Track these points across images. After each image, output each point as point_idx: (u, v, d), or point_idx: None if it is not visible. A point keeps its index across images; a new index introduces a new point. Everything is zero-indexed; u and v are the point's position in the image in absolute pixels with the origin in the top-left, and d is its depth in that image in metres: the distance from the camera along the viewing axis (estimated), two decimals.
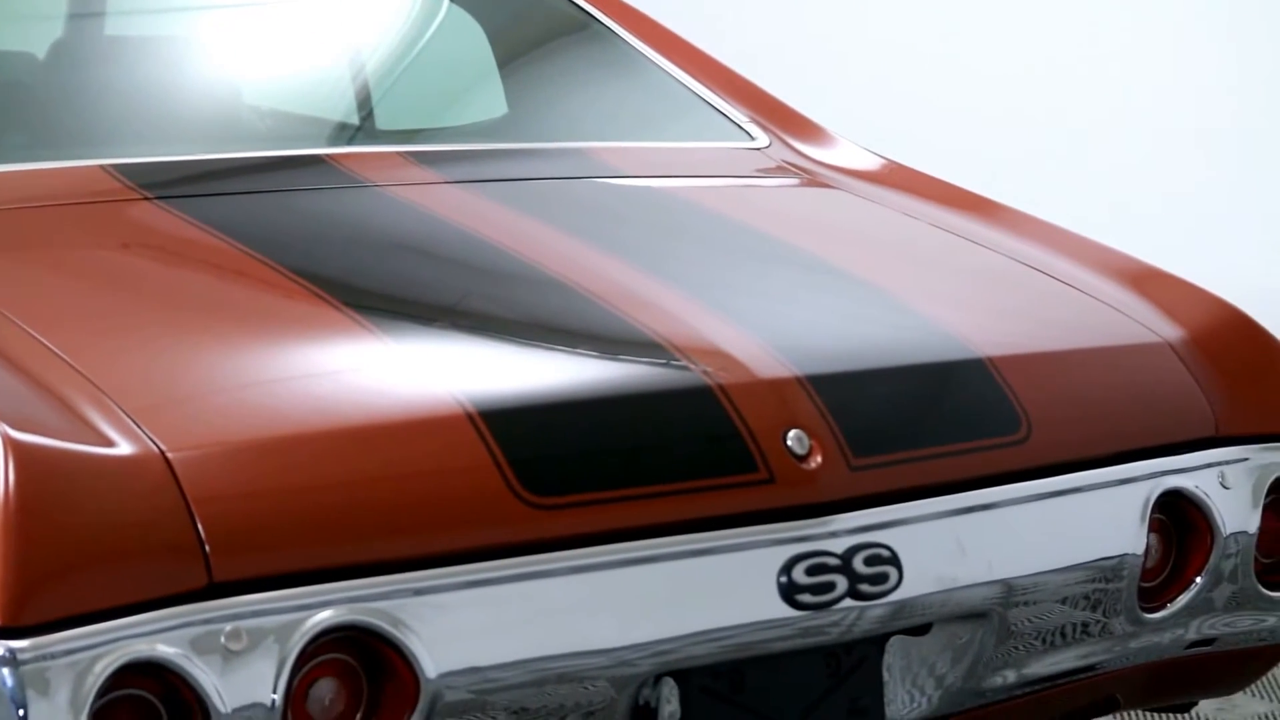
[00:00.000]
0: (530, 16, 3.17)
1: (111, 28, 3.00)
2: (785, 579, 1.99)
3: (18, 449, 1.73)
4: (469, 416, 1.92)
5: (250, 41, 2.95)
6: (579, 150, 2.75)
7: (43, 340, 1.94)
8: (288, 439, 1.87)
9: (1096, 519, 2.22)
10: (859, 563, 2.03)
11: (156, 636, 1.72)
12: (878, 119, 4.70)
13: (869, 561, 2.03)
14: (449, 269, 2.33)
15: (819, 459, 2.04)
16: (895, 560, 2.05)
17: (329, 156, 2.60)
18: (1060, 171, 5.56)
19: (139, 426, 1.81)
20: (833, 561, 2.01)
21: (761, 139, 2.87)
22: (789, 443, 2.03)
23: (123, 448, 1.79)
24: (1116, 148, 5.59)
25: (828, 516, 2.03)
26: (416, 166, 2.57)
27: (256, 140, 2.75)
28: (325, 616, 1.79)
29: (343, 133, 2.94)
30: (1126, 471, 2.25)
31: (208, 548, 1.77)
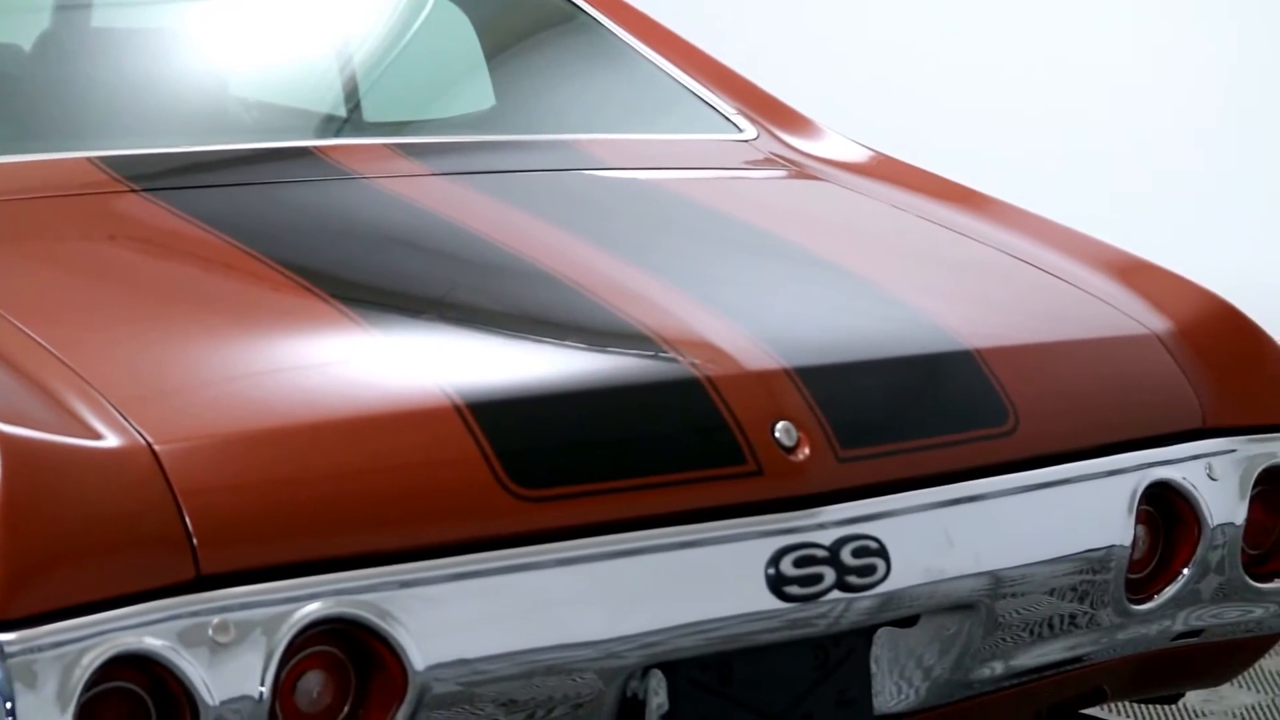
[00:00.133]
0: (517, 8, 3.17)
1: (98, 20, 2.99)
2: (773, 571, 1.99)
3: (4, 442, 1.73)
4: (456, 409, 1.92)
5: (237, 33, 2.95)
6: (567, 142, 2.75)
7: (29, 333, 1.93)
8: (275, 431, 1.87)
9: (1084, 510, 2.22)
10: (847, 554, 2.03)
11: (144, 629, 1.72)
12: (875, 116, 4.71)
13: (857, 553, 2.03)
14: (436, 261, 2.33)
15: (807, 451, 2.04)
16: (883, 552, 2.05)
17: (316, 149, 2.59)
18: (1057, 167, 5.57)
19: (126, 419, 1.81)
20: (820, 553, 2.01)
21: (749, 131, 2.87)
22: (777, 434, 2.03)
23: (109, 440, 1.79)
24: (1113, 144, 5.60)
25: (815, 508, 2.03)
26: (404, 159, 2.57)
27: (243, 132, 2.75)
28: (313, 609, 1.78)
29: (330, 125, 2.94)
30: (1114, 463, 2.25)
31: (195, 540, 1.76)
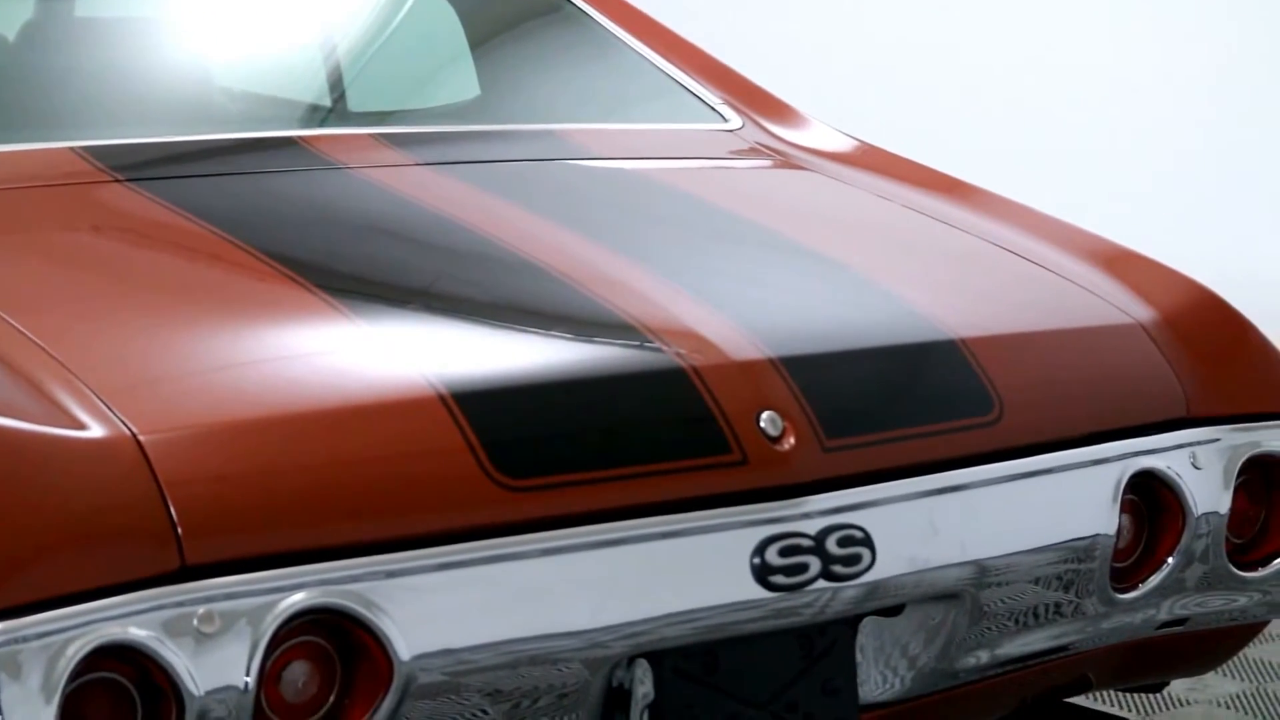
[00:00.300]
0: None
1: (82, 9, 2.99)
2: (758, 560, 1.99)
3: None
4: (442, 399, 1.92)
5: (222, 23, 2.94)
6: (552, 132, 2.75)
7: (13, 323, 1.93)
8: (260, 421, 1.86)
9: (1069, 500, 2.22)
10: (832, 544, 2.03)
11: (129, 619, 1.72)
12: (872, 110, 4.72)
13: (842, 543, 2.03)
14: (421, 251, 2.33)
15: (792, 440, 2.04)
16: (868, 541, 2.05)
17: (301, 138, 2.59)
18: (1053, 162, 5.59)
19: (111, 409, 1.81)
20: (806, 543, 2.02)
21: (734, 121, 2.87)
22: (762, 424, 2.04)
23: (94, 431, 1.79)
24: (1107, 137, 5.62)
25: (801, 498, 2.03)
26: (389, 148, 2.57)
27: (228, 122, 2.75)
28: (298, 599, 1.78)
29: (315, 115, 2.94)
30: (1098, 452, 2.25)
31: (180, 530, 1.76)
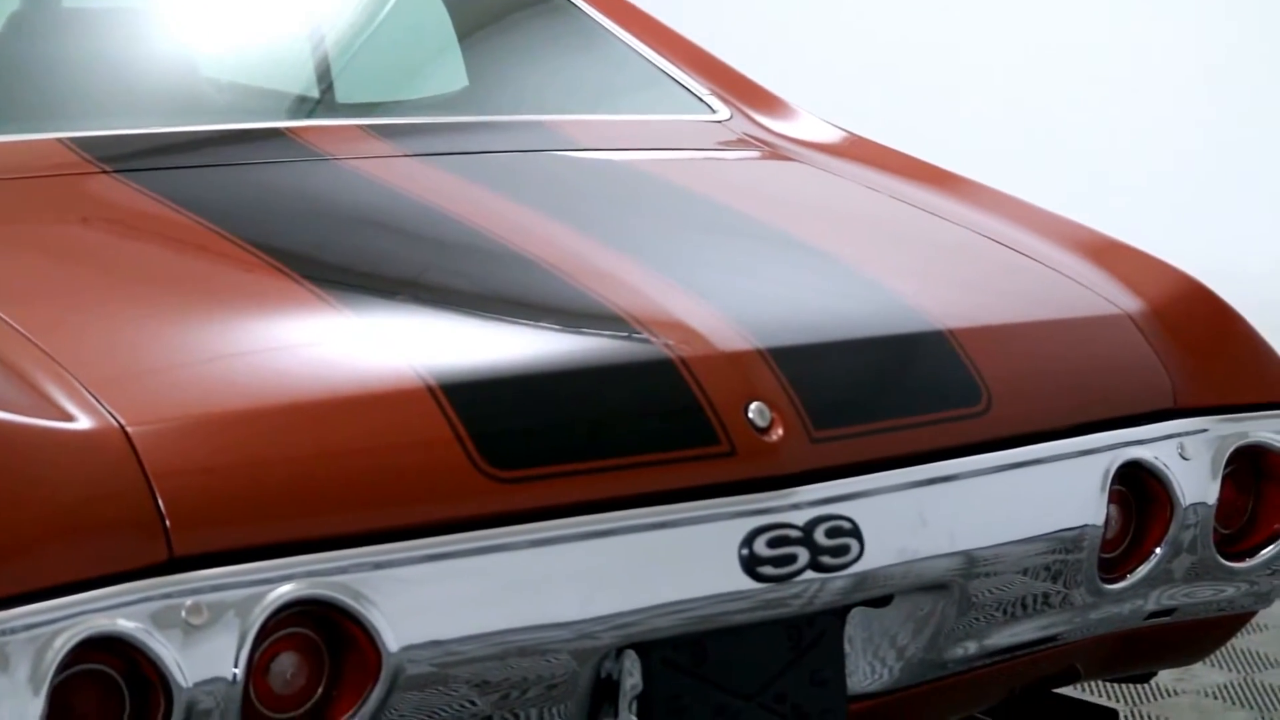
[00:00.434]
0: None
1: None
2: (747, 551, 2.00)
3: None
4: (430, 390, 1.92)
5: (209, 14, 2.94)
6: (540, 123, 2.75)
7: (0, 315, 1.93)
8: (248, 413, 1.86)
9: (1057, 490, 2.22)
10: (820, 535, 2.03)
11: (117, 611, 1.72)
12: (871, 110, 4.72)
13: (830, 533, 2.04)
14: (409, 243, 2.33)
15: (780, 431, 2.04)
16: (856, 532, 2.05)
17: (288, 130, 2.59)
18: (1048, 157, 5.60)
19: (98, 401, 1.81)
20: (794, 534, 2.02)
21: (723, 112, 2.87)
22: (750, 415, 2.04)
23: (82, 422, 1.78)
24: (1101, 131, 5.63)
25: (789, 489, 2.03)
26: (376, 140, 2.56)
27: (215, 113, 2.74)
28: (286, 590, 1.78)
29: (302, 106, 2.93)
30: (1086, 443, 2.26)
31: (168, 522, 1.76)
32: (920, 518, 2.11)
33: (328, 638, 1.83)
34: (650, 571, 1.97)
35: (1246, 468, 2.38)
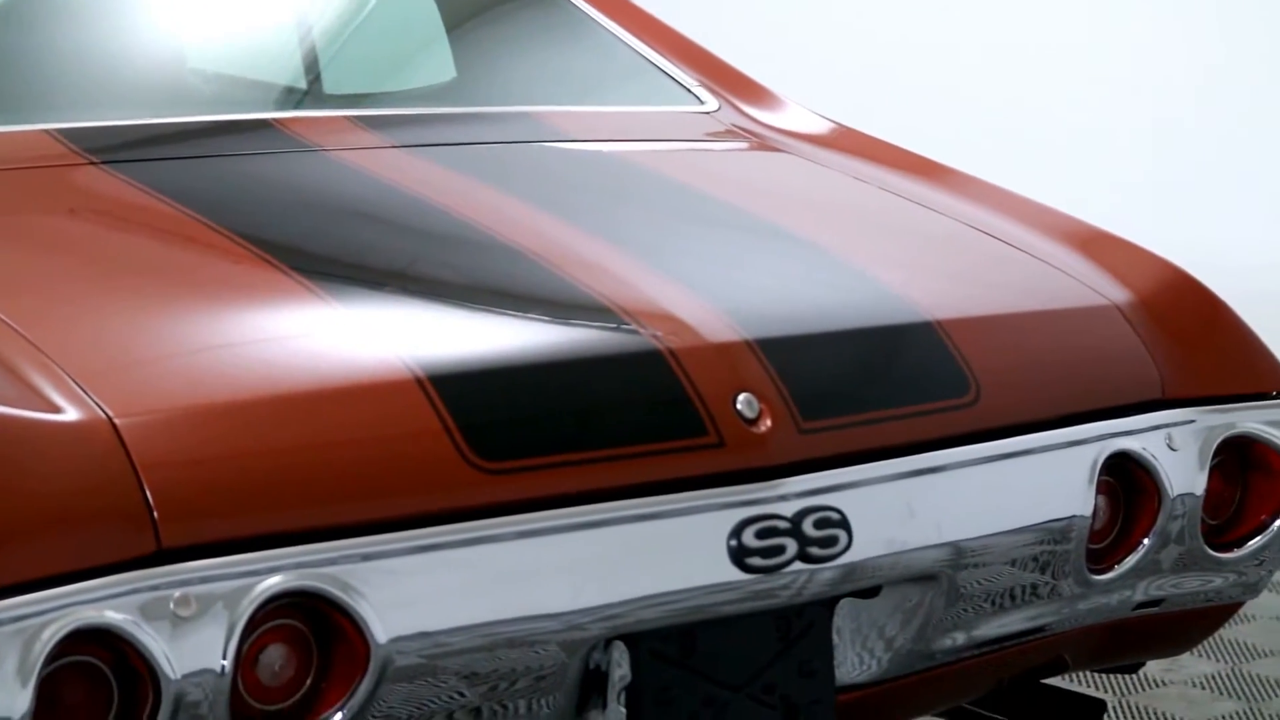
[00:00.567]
0: None
1: None
2: (735, 542, 2.00)
3: None
4: (418, 381, 1.92)
5: (196, 5, 2.93)
6: (528, 115, 2.75)
7: None
8: (236, 404, 1.86)
9: (1045, 481, 2.23)
10: (809, 526, 2.03)
11: (105, 603, 1.72)
12: (872, 109, 4.73)
13: (818, 524, 2.04)
14: (397, 234, 2.32)
15: (768, 422, 2.04)
16: (845, 523, 2.05)
17: (275, 121, 2.58)
18: (1043, 152, 5.61)
19: (86, 392, 1.80)
20: (782, 525, 2.02)
21: (710, 103, 2.87)
22: (738, 406, 2.04)
23: (69, 414, 1.78)
24: (1106, 137, 5.64)
25: (777, 480, 2.03)
26: (364, 131, 2.56)
27: (203, 104, 2.74)
28: (274, 582, 1.78)
29: (289, 97, 2.93)
30: (1074, 434, 2.26)
31: (156, 514, 1.76)
32: (908, 509, 2.11)
33: (316, 629, 1.83)
34: (638, 563, 1.97)
35: (1234, 458, 2.39)
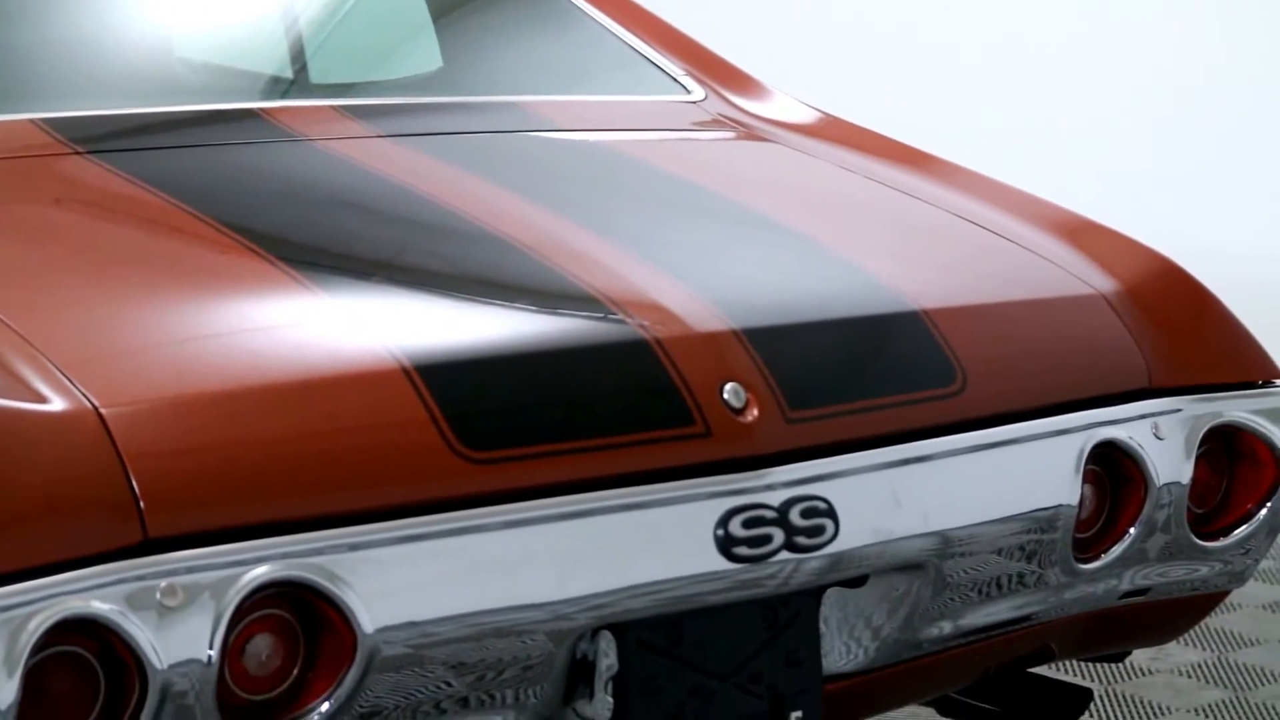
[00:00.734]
0: None
1: None
2: (722, 532, 2.00)
3: None
4: (405, 371, 1.92)
5: None
6: (514, 104, 2.74)
7: None
8: (223, 394, 1.86)
9: (1031, 470, 2.23)
10: (795, 515, 2.03)
11: (91, 593, 1.71)
12: (871, 109, 4.73)
13: (805, 514, 2.04)
14: (383, 224, 2.32)
15: (755, 412, 2.04)
16: (832, 513, 2.05)
17: (262, 110, 2.58)
18: (1038, 146, 5.62)
19: (72, 382, 1.80)
20: (769, 514, 2.02)
21: (697, 92, 2.87)
22: (725, 396, 2.04)
23: (55, 403, 1.78)
24: (1104, 136, 5.65)
25: (764, 469, 2.03)
26: (350, 120, 2.56)
27: (189, 94, 2.73)
28: (261, 572, 1.78)
29: (276, 86, 2.92)
30: (1061, 423, 2.26)
31: (142, 504, 1.76)
32: (895, 498, 2.12)
33: (303, 619, 1.82)
34: (625, 552, 1.97)
35: (1220, 447, 2.39)
